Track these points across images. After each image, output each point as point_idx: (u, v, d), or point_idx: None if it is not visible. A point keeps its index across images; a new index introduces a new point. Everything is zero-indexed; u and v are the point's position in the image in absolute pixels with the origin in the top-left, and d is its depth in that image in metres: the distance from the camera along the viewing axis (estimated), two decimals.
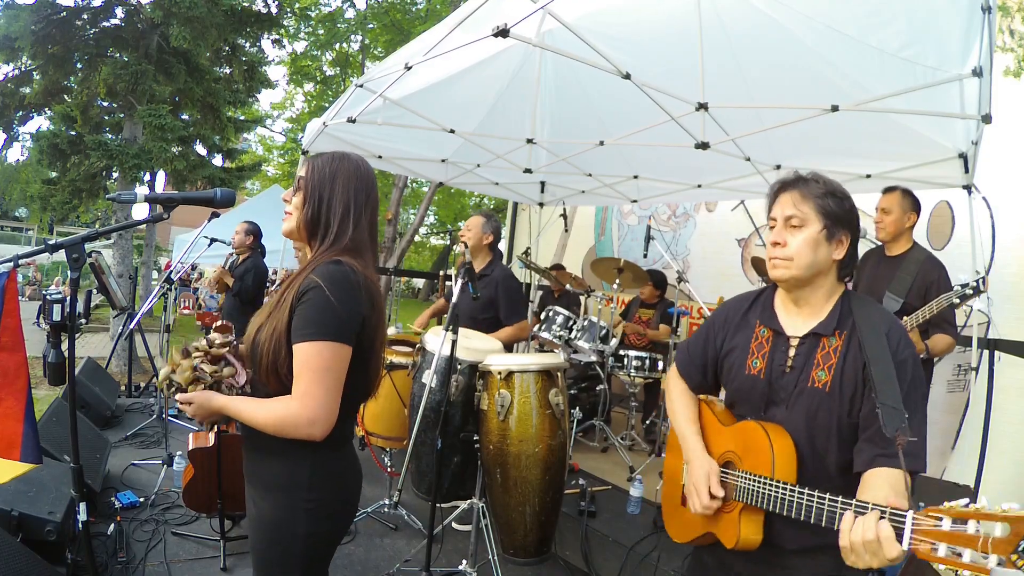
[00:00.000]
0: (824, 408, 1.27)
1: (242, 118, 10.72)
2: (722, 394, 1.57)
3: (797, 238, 1.29)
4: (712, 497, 1.34)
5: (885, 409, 1.16)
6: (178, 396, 1.28)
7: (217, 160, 9.14)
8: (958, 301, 2.31)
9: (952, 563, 0.87)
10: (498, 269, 3.24)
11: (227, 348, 1.32)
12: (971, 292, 2.26)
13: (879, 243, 2.90)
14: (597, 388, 4.59)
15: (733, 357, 1.43)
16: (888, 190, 2.80)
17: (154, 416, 4.45)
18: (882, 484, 1.15)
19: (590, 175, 4.66)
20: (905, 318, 2.43)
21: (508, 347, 3.19)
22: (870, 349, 1.23)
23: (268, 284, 5.32)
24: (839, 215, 1.29)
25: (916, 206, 2.75)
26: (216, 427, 2.60)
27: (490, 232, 3.24)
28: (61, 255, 1.49)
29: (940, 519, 0.91)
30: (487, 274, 3.21)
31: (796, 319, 1.36)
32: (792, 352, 1.33)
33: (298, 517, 1.26)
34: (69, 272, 1.47)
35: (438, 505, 2.49)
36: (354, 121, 3.46)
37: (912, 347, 1.25)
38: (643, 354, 4.46)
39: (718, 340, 1.49)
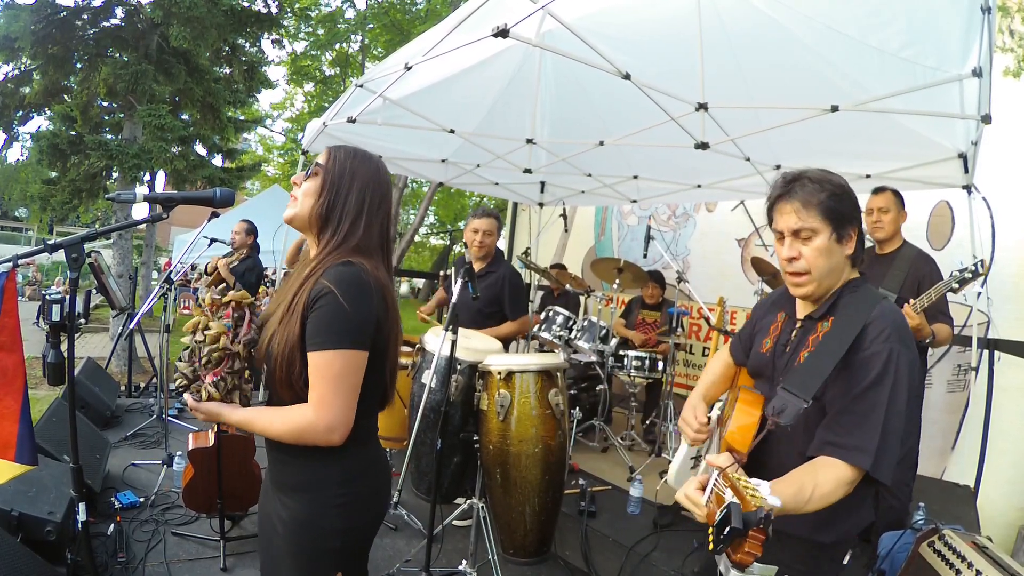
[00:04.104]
0: None
1: (242, 118, 10.72)
2: None
3: (809, 249, 1.29)
4: (698, 423, 1.43)
5: (782, 393, 1.20)
6: (190, 404, 1.27)
7: (217, 160, 9.14)
8: (957, 286, 2.33)
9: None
10: (503, 266, 3.30)
11: (252, 301, 1.31)
12: (970, 275, 2.28)
13: (872, 243, 2.93)
14: (597, 388, 4.59)
15: (757, 338, 1.53)
16: (879, 190, 2.85)
17: (154, 416, 4.44)
18: (809, 469, 1.18)
19: (590, 175, 4.66)
20: (912, 300, 2.44)
21: (507, 343, 3.21)
22: (827, 338, 1.25)
23: (266, 283, 5.32)
24: (843, 213, 1.29)
25: (905, 205, 2.85)
26: (217, 426, 2.62)
27: (500, 233, 3.37)
28: (61, 255, 1.49)
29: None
30: (493, 271, 3.25)
31: (809, 304, 1.39)
32: (794, 334, 1.40)
33: (330, 513, 1.25)
34: (69, 272, 1.47)
35: (438, 505, 2.49)
36: (354, 121, 3.46)
37: (892, 345, 1.20)
38: (643, 354, 4.46)
39: (755, 323, 1.59)
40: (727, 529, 0.91)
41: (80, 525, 1.70)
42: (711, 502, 1.02)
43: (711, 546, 0.93)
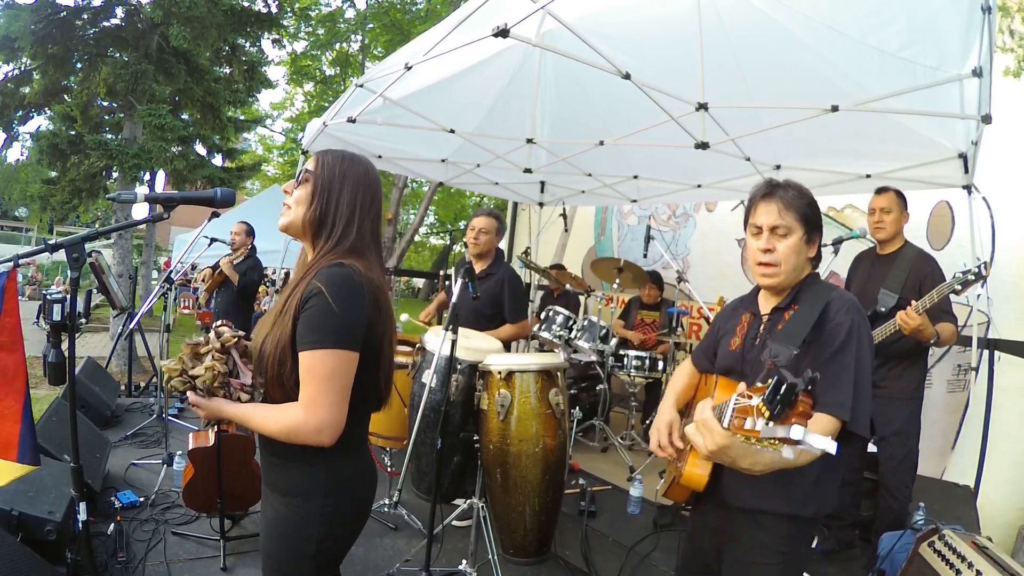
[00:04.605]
0: None
1: (242, 118, 10.73)
2: None
3: (783, 245, 1.46)
4: (671, 444, 1.56)
5: (771, 345, 1.34)
6: (190, 398, 1.28)
7: (217, 160, 9.14)
8: (960, 288, 2.34)
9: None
10: (503, 268, 3.28)
11: (236, 340, 1.32)
12: (972, 278, 2.29)
13: (873, 243, 2.93)
14: (597, 388, 4.59)
15: (723, 341, 1.65)
16: (881, 190, 2.86)
17: (154, 416, 4.44)
18: None
19: (590, 175, 4.66)
20: (915, 302, 2.45)
21: (507, 345, 3.20)
22: (795, 315, 1.43)
23: (266, 283, 5.32)
24: (814, 221, 1.49)
25: (907, 205, 2.86)
26: (217, 426, 2.62)
27: (501, 235, 3.33)
28: (61, 255, 1.49)
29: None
30: (493, 272, 3.24)
31: (771, 300, 1.56)
32: (761, 328, 1.54)
33: (312, 521, 1.26)
34: (69, 272, 1.47)
35: (438, 505, 2.49)
36: (354, 121, 3.46)
37: (853, 317, 1.38)
38: (643, 354, 4.46)
39: (718, 329, 1.71)
40: (783, 388, 0.99)
41: (80, 525, 1.70)
42: (736, 418, 1.06)
43: (767, 414, 1.00)
